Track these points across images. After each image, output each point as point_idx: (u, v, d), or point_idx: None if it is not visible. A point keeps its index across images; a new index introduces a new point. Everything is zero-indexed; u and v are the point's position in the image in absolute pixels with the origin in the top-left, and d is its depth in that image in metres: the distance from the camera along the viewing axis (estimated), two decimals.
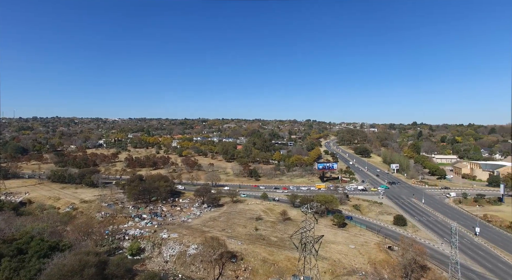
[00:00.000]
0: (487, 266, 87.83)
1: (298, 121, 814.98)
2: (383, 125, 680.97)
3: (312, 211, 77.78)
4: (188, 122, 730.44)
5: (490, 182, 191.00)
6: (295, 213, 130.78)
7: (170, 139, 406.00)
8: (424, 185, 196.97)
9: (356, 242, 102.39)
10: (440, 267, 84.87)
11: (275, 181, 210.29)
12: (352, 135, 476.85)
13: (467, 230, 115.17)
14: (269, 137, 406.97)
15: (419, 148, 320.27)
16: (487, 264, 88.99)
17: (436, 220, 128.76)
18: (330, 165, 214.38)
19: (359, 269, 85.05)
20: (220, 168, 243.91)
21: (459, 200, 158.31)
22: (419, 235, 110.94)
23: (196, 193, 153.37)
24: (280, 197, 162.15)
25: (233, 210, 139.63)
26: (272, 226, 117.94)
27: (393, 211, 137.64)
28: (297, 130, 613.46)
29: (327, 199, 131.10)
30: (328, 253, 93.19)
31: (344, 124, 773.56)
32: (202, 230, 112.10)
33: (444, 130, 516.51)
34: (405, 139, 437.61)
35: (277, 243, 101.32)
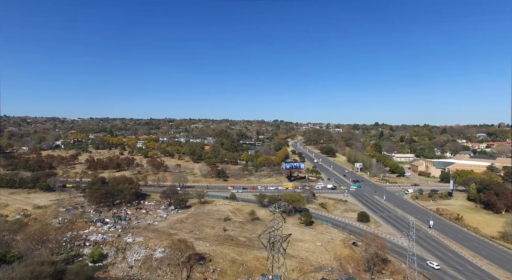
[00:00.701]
0: (438, 256, 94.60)
1: (266, 121, 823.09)
2: (347, 125, 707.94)
3: (280, 210, 78.80)
4: (154, 123, 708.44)
5: (442, 178, 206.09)
6: (263, 212, 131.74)
7: (135, 140, 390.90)
8: (385, 183, 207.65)
9: (323, 239, 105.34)
10: (399, 259, 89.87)
11: (243, 181, 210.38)
12: (318, 136, 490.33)
13: (423, 223, 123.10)
14: (237, 137, 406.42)
15: (380, 147, 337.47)
16: (438, 254, 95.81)
17: (396, 215, 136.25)
18: (297, 165, 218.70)
19: (325, 266, 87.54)
20: (187, 168, 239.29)
21: (416, 196, 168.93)
22: (381, 230, 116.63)
23: (162, 194, 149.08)
24: (249, 197, 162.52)
25: (201, 211, 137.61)
26: (240, 226, 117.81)
27: (357, 208, 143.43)
28: (265, 130, 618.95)
29: (294, 198, 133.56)
30: (296, 251, 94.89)
31: (310, 125, 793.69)
32: (169, 232, 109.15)
33: (403, 131, 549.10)
34: (368, 139, 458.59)
35: (245, 243, 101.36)
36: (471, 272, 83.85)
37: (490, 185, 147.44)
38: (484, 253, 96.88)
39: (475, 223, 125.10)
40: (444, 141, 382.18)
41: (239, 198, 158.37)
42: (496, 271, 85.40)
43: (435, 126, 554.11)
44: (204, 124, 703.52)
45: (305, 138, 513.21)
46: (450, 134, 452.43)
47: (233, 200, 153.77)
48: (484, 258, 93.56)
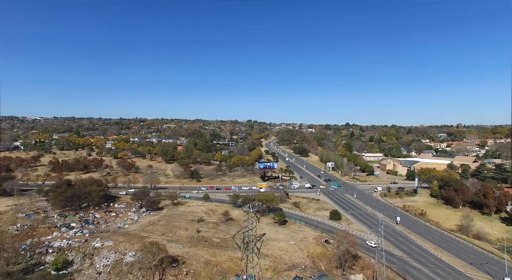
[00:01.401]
0: (404, 250, 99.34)
1: (240, 121, 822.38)
2: (319, 126, 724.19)
3: (254, 210, 79.04)
4: (124, 122, 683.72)
5: (408, 176, 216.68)
6: (237, 212, 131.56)
7: (103, 140, 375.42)
8: (356, 181, 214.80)
9: (296, 238, 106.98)
10: (369, 255, 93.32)
11: (217, 181, 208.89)
12: (291, 136, 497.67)
13: (390, 220, 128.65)
14: (210, 137, 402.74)
15: (351, 147, 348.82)
16: (404, 248, 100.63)
17: (366, 212, 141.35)
18: (271, 165, 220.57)
19: (299, 264, 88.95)
20: (159, 169, 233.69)
21: (384, 194, 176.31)
22: (351, 228, 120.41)
23: (133, 196, 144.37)
24: (222, 198, 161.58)
25: (174, 212, 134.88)
26: (214, 227, 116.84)
27: (329, 207, 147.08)
28: (238, 130, 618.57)
29: (268, 197, 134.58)
30: (269, 250, 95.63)
31: (284, 125, 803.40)
32: (140, 235, 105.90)
33: (372, 131, 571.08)
34: (339, 139, 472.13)
35: (219, 244, 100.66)
36: (433, 264, 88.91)
37: (449, 182, 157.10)
38: (444, 245, 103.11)
39: (437, 218, 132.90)
40: (410, 141, 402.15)
41: (213, 199, 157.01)
42: (453, 261, 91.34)
43: (402, 127, 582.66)
44: (176, 124, 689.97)
45: (278, 138, 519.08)
46: (415, 135, 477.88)
47: (206, 201, 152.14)
48: (444, 250, 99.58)
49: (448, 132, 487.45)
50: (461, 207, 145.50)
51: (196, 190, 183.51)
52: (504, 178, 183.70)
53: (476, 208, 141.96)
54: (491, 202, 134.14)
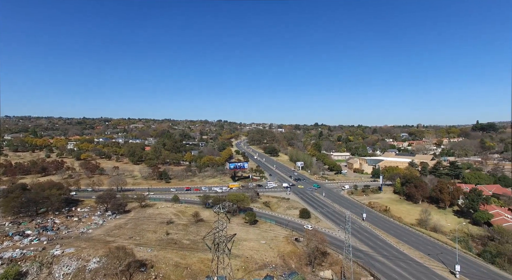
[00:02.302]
0: (370, 245, 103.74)
1: (210, 121, 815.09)
2: (289, 126, 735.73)
3: (225, 211, 78.46)
4: (87, 122, 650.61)
5: (373, 174, 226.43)
6: (208, 213, 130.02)
7: (64, 141, 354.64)
8: (324, 180, 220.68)
9: (267, 237, 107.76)
10: (337, 251, 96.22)
11: (186, 182, 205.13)
12: (261, 136, 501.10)
13: (357, 216, 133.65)
14: (180, 137, 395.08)
15: (320, 146, 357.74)
16: (370, 243, 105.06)
17: (334, 210, 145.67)
18: (241, 165, 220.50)
19: (269, 263, 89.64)
20: (126, 171, 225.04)
21: (351, 192, 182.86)
22: (320, 225, 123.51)
23: (98, 199, 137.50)
24: (192, 198, 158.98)
25: (142, 215, 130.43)
26: (184, 229, 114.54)
27: (299, 206, 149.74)
28: (208, 130, 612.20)
29: (238, 197, 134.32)
30: (240, 250, 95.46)
31: (254, 125, 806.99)
32: (105, 240, 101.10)
33: (340, 131, 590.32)
34: (308, 139, 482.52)
35: (189, 246, 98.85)
36: (395, 257, 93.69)
37: (410, 179, 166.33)
38: (405, 239, 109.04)
39: (399, 213, 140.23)
40: (375, 140, 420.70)
41: (183, 200, 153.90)
42: (413, 253, 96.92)
43: (368, 127, 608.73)
44: (144, 124, 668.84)
45: (248, 138, 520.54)
46: (380, 134, 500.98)
47: (176, 202, 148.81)
48: (405, 243, 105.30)
49: (409, 132, 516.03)
50: (420, 202, 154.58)
51: (165, 191, 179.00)
52: (456, 174, 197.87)
53: (433, 203, 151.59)
54: (446, 196, 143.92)
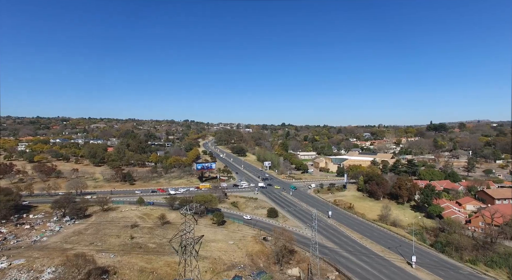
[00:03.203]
0: (336, 241, 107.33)
1: (176, 121, 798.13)
2: (257, 126, 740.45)
3: (192, 212, 76.99)
4: (42, 122, 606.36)
5: (338, 173, 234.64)
6: (175, 215, 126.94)
7: (14, 142, 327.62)
8: (291, 179, 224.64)
9: (235, 237, 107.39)
10: (304, 249, 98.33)
11: (152, 184, 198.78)
12: (229, 136, 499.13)
13: (323, 214, 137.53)
14: (145, 138, 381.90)
15: (287, 146, 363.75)
16: (336, 240, 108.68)
17: (301, 209, 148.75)
18: (209, 165, 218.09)
19: (238, 263, 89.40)
20: (87, 173, 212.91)
21: (317, 190, 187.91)
22: (288, 224, 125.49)
23: (54, 204, 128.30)
24: (158, 200, 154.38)
25: (104, 219, 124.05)
26: (149, 232, 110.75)
27: (266, 205, 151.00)
28: (175, 130, 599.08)
29: (206, 198, 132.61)
30: (208, 252, 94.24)
31: (221, 125, 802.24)
32: (62, 248, 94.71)
33: (306, 131, 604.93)
34: (275, 138, 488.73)
35: (155, 249, 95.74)
36: (359, 252, 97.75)
37: (372, 177, 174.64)
38: (368, 234, 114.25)
39: (363, 210, 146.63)
40: (340, 140, 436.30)
41: (148, 202, 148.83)
42: (375, 247, 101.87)
43: (333, 127, 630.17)
44: (107, 124, 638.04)
45: (216, 138, 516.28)
46: (344, 134, 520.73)
47: (141, 205, 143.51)
48: (368, 238, 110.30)
49: (371, 132, 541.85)
50: (381, 198, 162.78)
51: (130, 193, 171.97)
52: (413, 171, 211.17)
53: (393, 199, 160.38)
54: (404, 193, 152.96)
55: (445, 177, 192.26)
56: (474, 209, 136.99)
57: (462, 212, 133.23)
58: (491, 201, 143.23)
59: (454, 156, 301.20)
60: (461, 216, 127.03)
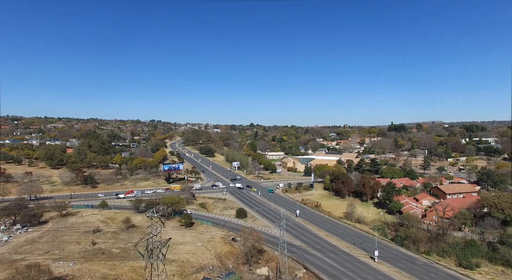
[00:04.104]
0: (303, 239, 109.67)
1: (142, 121, 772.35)
2: (225, 126, 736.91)
3: (158, 215, 74.70)
4: None
5: (306, 172, 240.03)
6: (140, 218, 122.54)
7: None
8: (260, 179, 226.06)
9: (203, 239, 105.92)
10: (272, 248, 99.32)
11: (116, 186, 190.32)
12: (197, 136, 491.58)
13: (291, 213, 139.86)
14: (108, 138, 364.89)
15: (255, 146, 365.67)
16: (303, 238, 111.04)
17: (269, 208, 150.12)
18: (176, 166, 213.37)
19: (207, 265, 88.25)
20: (42, 176, 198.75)
21: (285, 190, 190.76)
22: (257, 224, 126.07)
23: (1, 212, 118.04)
24: (123, 203, 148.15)
25: (62, 225, 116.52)
26: (113, 236, 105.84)
27: (235, 205, 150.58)
28: (140, 131, 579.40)
29: (173, 200, 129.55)
30: (176, 255, 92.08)
31: (189, 125, 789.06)
32: (11, 259, 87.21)
33: (275, 131, 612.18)
34: (244, 139, 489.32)
35: (120, 254, 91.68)
36: (326, 249, 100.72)
37: (338, 176, 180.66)
38: (334, 231, 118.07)
39: (329, 208, 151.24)
40: (307, 140, 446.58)
41: (112, 206, 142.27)
42: (341, 244, 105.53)
43: (300, 127, 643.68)
44: (66, 124, 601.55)
45: (184, 139, 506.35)
46: (311, 134, 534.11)
47: (104, 208, 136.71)
48: (334, 235, 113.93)
49: (337, 132, 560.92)
50: (347, 196, 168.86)
51: (92, 197, 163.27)
52: (376, 170, 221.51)
53: (357, 197, 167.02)
54: (368, 190, 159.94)
55: (404, 175, 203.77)
56: (429, 204, 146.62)
57: (419, 207, 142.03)
58: (443, 196, 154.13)
59: (412, 155, 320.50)
60: (418, 211, 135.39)
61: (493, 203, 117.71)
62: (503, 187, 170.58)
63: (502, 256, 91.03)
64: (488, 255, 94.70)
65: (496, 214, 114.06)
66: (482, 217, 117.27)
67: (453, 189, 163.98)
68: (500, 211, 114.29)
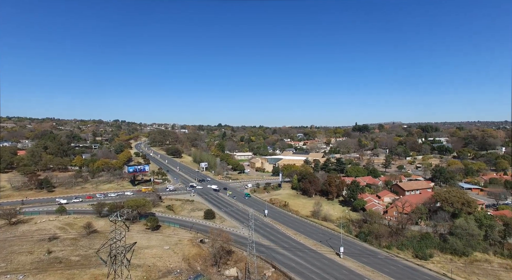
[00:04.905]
0: (272, 239, 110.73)
1: (105, 121, 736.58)
2: (193, 126, 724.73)
3: (123, 219, 71.63)
4: None
5: (274, 172, 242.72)
6: (103, 223, 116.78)
7: None
8: (228, 180, 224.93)
9: (170, 242, 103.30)
10: (241, 248, 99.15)
11: (76, 190, 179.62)
12: (163, 137, 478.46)
13: (259, 213, 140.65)
14: (67, 139, 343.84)
15: (223, 147, 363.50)
16: (272, 237, 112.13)
17: (238, 209, 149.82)
18: (142, 167, 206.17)
19: (174, 268, 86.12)
20: None
21: (254, 190, 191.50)
22: (225, 225, 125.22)
23: None
24: (84, 208, 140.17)
25: (11, 235, 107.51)
26: (73, 243, 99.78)
27: (203, 207, 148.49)
28: (103, 131, 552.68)
29: (139, 203, 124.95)
30: (142, 259, 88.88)
31: (155, 125, 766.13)
32: None
33: (243, 131, 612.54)
34: (212, 139, 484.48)
35: (79, 262, 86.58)
36: (294, 247, 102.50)
37: (305, 175, 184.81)
38: (302, 230, 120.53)
39: (297, 207, 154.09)
40: (275, 140, 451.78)
41: (71, 210, 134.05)
42: (308, 242, 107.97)
43: (268, 128, 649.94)
44: (17, 124, 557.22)
45: (150, 139, 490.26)
46: (279, 135, 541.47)
47: (62, 214, 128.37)
48: (302, 234, 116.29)
49: (304, 132, 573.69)
50: (314, 195, 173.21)
51: (48, 202, 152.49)
52: (341, 169, 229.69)
53: (324, 195, 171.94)
54: (334, 189, 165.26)
55: (367, 173, 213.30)
56: (390, 201, 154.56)
57: (381, 204, 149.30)
58: (402, 193, 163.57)
59: (375, 154, 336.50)
60: (380, 207, 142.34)
61: (444, 198, 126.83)
62: (453, 183, 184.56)
63: (451, 245, 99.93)
64: (439, 245, 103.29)
65: (447, 208, 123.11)
66: (435, 211, 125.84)
67: (411, 186, 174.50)
68: (450, 205, 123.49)
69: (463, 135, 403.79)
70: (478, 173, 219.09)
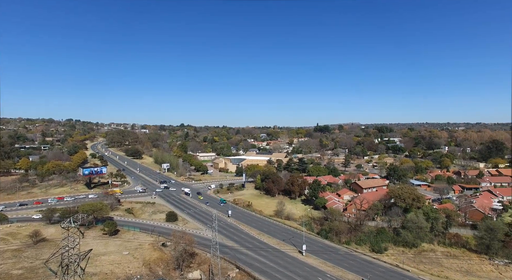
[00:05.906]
0: (236, 239, 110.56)
1: (56, 120, 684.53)
2: (154, 126, 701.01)
3: (77, 225, 66.88)
4: None
5: (237, 173, 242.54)
6: (54, 230, 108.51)
7: None
8: (191, 181, 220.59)
9: (130, 247, 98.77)
10: (204, 250, 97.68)
11: (21, 195, 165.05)
12: (123, 137, 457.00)
13: (223, 214, 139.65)
14: (10, 140, 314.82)
15: (186, 147, 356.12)
16: (235, 238, 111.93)
17: (201, 210, 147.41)
18: (99, 169, 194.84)
19: (134, 274, 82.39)
20: None
21: (217, 190, 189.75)
22: (188, 227, 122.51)
23: None
24: (31, 215, 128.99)
25: None
26: (15, 255, 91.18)
27: (165, 209, 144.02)
28: (54, 131, 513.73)
29: (95, 207, 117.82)
30: (98, 267, 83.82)
31: (114, 125, 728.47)
32: None
33: (206, 132, 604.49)
34: (174, 140, 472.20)
35: (23, 276, 79.23)
36: (257, 247, 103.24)
37: (269, 175, 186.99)
38: (265, 229, 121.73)
39: (260, 207, 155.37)
40: (238, 140, 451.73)
41: (14, 219, 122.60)
42: (272, 241, 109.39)
43: (231, 128, 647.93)
44: None
45: (107, 140, 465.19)
46: (243, 135, 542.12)
47: (2, 223, 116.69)
48: (265, 233, 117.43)
49: (267, 132, 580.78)
50: (277, 195, 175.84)
51: None
52: (303, 169, 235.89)
53: (287, 195, 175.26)
54: (296, 188, 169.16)
55: (328, 172, 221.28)
56: (349, 198, 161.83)
57: (341, 201, 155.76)
58: (360, 190, 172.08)
59: (335, 154, 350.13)
60: (340, 205, 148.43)
61: (397, 194, 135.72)
62: (405, 180, 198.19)
63: (403, 238, 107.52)
64: (393, 239, 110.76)
65: (400, 204, 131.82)
66: (390, 207, 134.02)
67: (368, 183, 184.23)
68: (403, 201, 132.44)
69: (414, 135, 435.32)
70: (426, 171, 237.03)
